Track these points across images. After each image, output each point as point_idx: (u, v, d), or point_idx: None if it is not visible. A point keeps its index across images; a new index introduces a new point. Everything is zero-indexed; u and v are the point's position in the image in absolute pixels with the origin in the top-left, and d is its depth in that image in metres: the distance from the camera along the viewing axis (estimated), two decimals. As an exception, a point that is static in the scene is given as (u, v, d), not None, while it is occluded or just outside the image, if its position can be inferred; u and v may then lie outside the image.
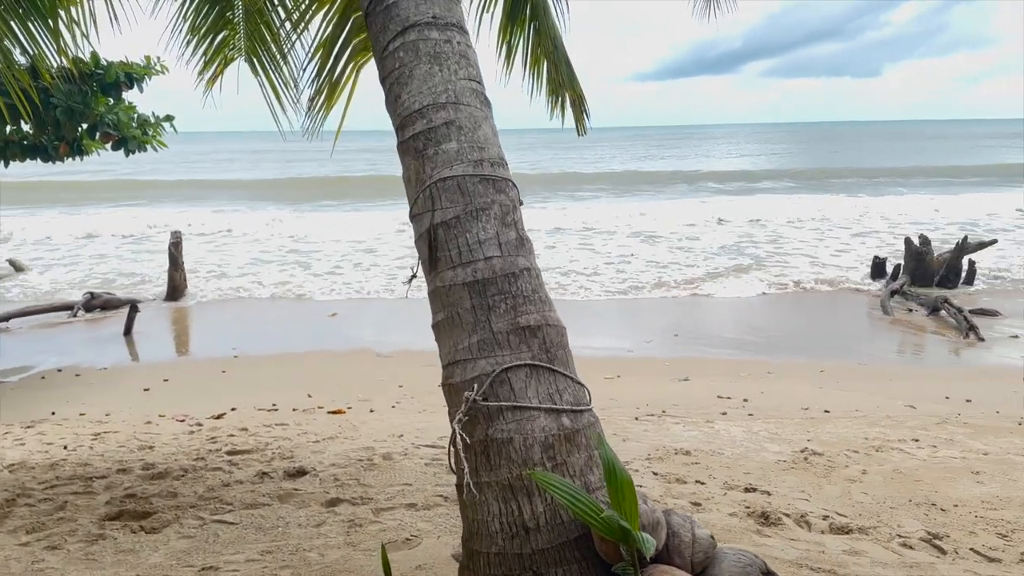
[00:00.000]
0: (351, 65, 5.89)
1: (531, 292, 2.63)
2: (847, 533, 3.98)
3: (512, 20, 6.13)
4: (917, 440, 6.60)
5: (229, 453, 5.91)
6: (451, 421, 2.64)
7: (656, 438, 6.48)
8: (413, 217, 2.77)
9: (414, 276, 2.85)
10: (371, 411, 7.95)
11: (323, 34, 5.69)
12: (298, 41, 5.84)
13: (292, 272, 18.01)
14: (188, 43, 5.82)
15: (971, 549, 3.76)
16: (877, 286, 16.12)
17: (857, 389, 9.20)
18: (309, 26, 5.80)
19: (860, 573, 3.10)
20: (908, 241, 16.56)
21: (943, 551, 3.73)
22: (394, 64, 2.87)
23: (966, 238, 16.44)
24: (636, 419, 7.23)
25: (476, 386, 2.51)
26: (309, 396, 8.74)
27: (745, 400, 8.20)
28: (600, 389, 8.91)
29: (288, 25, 5.87)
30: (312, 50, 5.77)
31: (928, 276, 16.27)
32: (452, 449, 2.57)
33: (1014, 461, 5.95)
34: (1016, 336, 12.12)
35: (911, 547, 3.76)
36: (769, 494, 4.90)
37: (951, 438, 6.74)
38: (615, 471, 2.23)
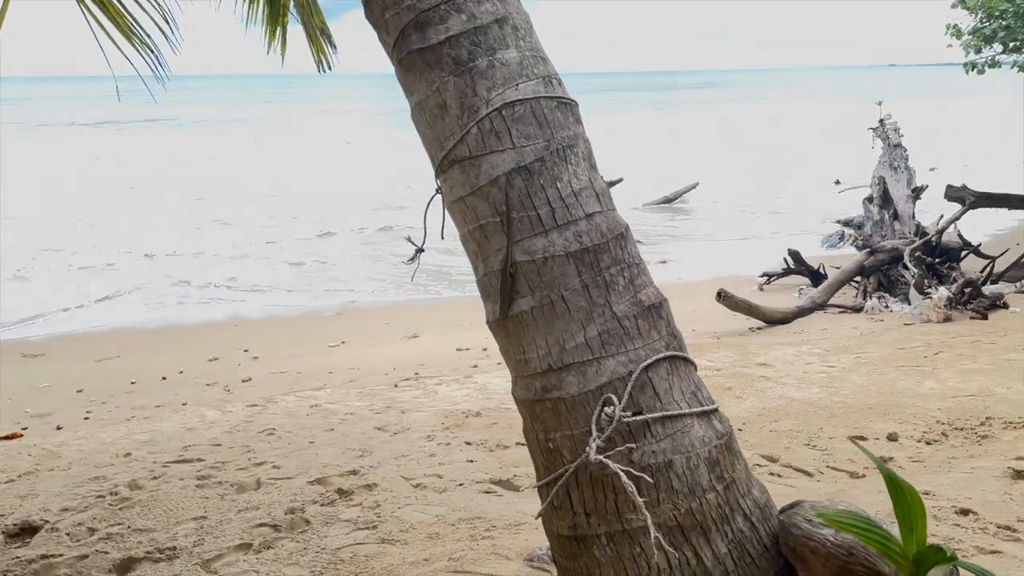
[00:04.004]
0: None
1: (639, 258, 2.00)
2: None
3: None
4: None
5: None
6: (541, 447, 1.93)
7: (433, 403, 6.02)
8: (457, 163, 1.91)
9: (421, 250, 2.02)
10: (58, 428, 6.26)
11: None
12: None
13: None
14: None
15: (829, 467, 4.00)
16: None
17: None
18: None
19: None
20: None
21: (808, 473, 3.90)
22: None
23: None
24: (396, 386, 6.68)
25: (612, 396, 1.83)
26: (-46, 422, 6.63)
27: (485, 349, 8.07)
28: (332, 360, 8.16)
29: None
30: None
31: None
32: (564, 490, 1.87)
33: (745, 374, 6.62)
34: (664, 261, 13.76)
35: (780, 475, 3.88)
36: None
37: (681, 360, 7.30)
38: (901, 486, 1.72)
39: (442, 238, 2.07)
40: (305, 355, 8.46)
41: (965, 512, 2.99)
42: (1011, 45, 9.83)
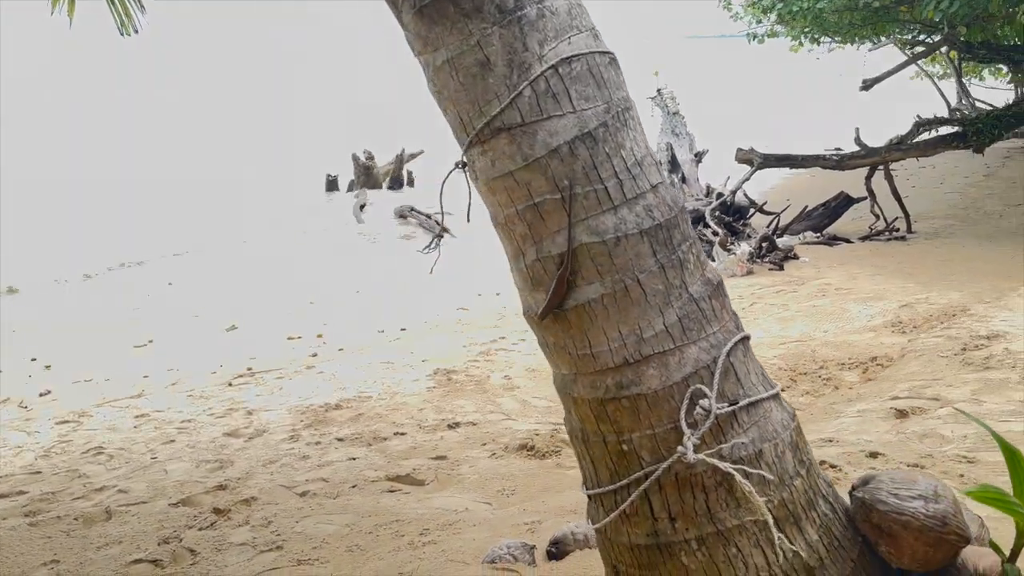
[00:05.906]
0: None
1: (695, 233, 1.84)
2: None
3: None
4: (524, 340, 6.73)
5: None
6: (611, 449, 1.76)
7: (281, 399, 5.60)
8: (505, 131, 1.65)
9: (443, 232, 1.73)
10: None
11: None
12: None
13: None
14: None
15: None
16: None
17: (406, 302, 9.23)
18: None
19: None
20: (355, 157, 17.42)
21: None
22: None
23: (404, 150, 17.98)
24: (230, 385, 6.13)
25: (703, 388, 1.68)
26: None
27: (319, 336, 7.65)
28: (143, 362, 7.34)
29: None
30: None
31: (377, 184, 17.54)
32: (643, 495, 1.72)
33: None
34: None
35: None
36: (474, 424, 4.66)
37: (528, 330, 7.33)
38: (1016, 454, 1.65)
39: (468, 220, 1.84)
40: (109, 358, 7.55)
41: (875, 455, 3.23)
42: (786, 17, 10.76)
